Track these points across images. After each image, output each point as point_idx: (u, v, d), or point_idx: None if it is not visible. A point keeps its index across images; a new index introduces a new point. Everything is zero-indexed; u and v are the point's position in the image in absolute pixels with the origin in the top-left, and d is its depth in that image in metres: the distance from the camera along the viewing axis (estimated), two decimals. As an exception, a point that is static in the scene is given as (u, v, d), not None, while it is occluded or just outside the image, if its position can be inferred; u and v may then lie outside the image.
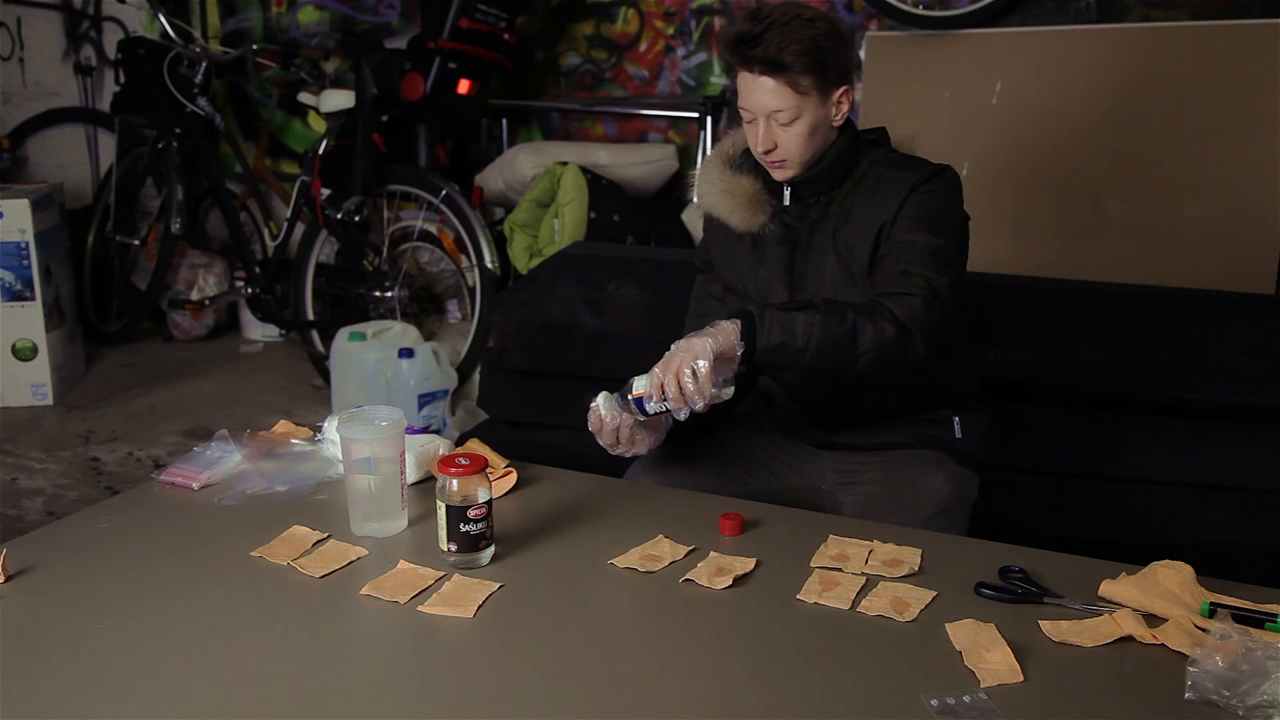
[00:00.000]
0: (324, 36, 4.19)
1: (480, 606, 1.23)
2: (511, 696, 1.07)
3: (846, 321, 1.45)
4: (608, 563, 1.34)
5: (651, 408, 1.46)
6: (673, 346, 1.45)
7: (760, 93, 1.57)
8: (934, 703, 1.04)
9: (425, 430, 1.81)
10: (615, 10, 3.77)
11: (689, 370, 1.40)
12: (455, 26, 3.44)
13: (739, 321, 1.45)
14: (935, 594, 1.26)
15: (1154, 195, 2.95)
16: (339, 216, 3.57)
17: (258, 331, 4.22)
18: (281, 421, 1.77)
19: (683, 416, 1.45)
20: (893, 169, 1.65)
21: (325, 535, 1.40)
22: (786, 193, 1.68)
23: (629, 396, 1.48)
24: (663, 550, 1.37)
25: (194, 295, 4.12)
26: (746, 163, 1.71)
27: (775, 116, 1.58)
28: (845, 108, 1.62)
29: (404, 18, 4.10)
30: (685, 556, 1.36)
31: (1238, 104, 2.85)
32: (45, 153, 4.49)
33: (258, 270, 3.83)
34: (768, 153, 1.61)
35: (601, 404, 1.53)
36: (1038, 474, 2.20)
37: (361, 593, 1.26)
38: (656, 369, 1.44)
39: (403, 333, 3.29)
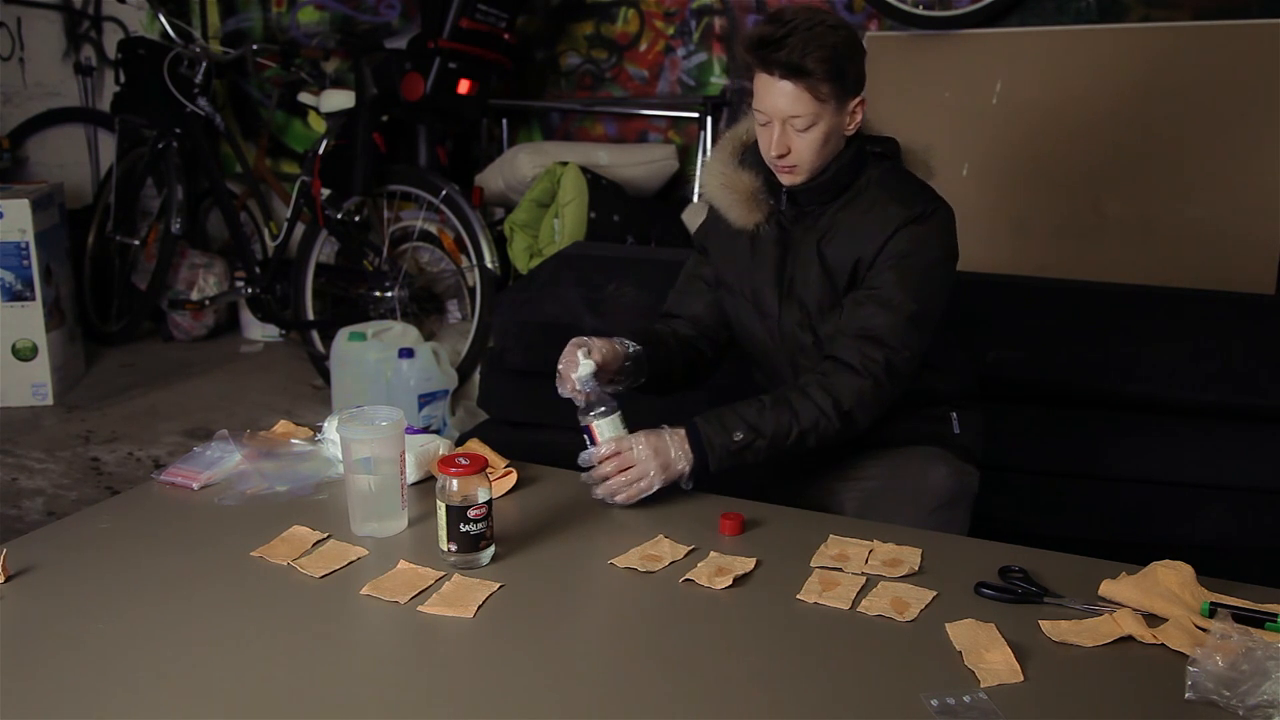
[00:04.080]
0: (324, 36, 4.18)
1: (480, 606, 1.23)
2: (511, 696, 1.07)
3: (791, 435, 1.57)
4: (608, 563, 1.34)
5: (588, 454, 1.52)
6: (650, 444, 1.51)
7: (779, 96, 1.56)
8: (934, 703, 1.04)
9: (425, 430, 1.81)
10: (615, 10, 3.77)
11: (630, 481, 1.50)
12: (455, 26, 3.43)
13: (692, 459, 1.53)
14: (935, 594, 1.26)
15: (1154, 195, 2.95)
16: (339, 216, 3.57)
17: (258, 331, 4.21)
18: (281, 421, 1.77)
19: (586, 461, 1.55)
20: (886, 196, 1.63)
21: (325, 535, 1.40)
22: (783, 195, 1.68)
23: (587, 423, 1.54)
24: (663, 550, 1.37)
25: (194, 295, 4.11)
26: (750, 158, 1.70)
27: (792, 122, 1.57)
28: (858, 119, 1.61)
29: (404, 18, 4.10)
30: (685, 556, 1.36)
31: (1238, 104, 2.85)
32: (45, 153, 4.49)
33: (258, 270, 3.82)
34: (780, 157, 1.61)
35: (581, 371, 1.57)
36: (1037, 474, 2.20)
37: (361, 593, 1.26)
38: (626, 442, 1.51)
39: (403, 333, 3.29)
